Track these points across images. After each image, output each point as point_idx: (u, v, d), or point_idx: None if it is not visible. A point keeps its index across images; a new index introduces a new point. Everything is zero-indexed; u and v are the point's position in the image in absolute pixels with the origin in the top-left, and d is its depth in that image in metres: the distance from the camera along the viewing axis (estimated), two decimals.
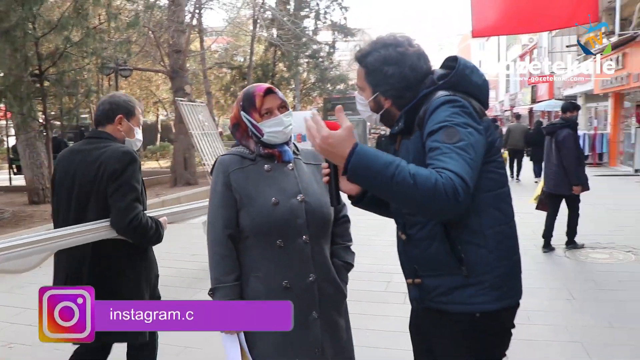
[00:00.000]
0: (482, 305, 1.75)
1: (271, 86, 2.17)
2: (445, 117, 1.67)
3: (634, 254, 6.57)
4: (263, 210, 2.05)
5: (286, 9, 21.78)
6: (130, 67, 14.70)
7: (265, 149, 2.14)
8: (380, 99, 1.89)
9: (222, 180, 2.10)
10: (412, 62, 1.83)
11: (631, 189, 13.24)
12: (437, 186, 1.50)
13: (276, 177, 2.11)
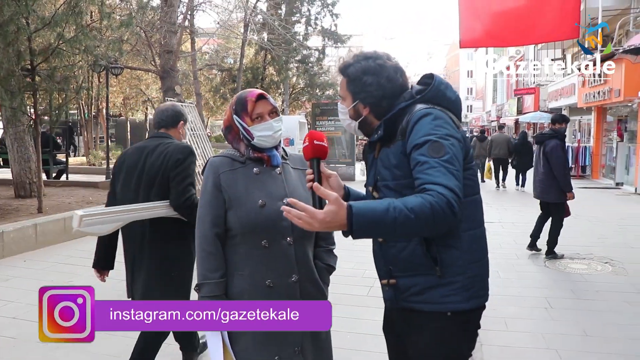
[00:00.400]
0: (454, 305, 1.87)
1: (263, 92, 2.27)
2: (429, 130, 1.80)
3: (611, 265, 6.75)
4: (250, 211, 2.14)
5: (277, 14, 21.90)
6: (121, 65, 14.67)
7: (255, 152, 2.23)
8: (359, 107, 2.03)
9: (212, 180, 2.19)
10: (389, 73, 1.99)
11: (612, 202, 13.50)
12: (433, 209, 1.61)
13: (264, 180, 2.21)
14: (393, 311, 2.07)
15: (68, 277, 6.13)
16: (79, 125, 26.27)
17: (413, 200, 1.63)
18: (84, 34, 9.21)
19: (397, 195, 1.86)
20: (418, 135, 1.80)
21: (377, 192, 1.99)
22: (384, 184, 1.96)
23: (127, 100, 27.34)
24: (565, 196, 6.97)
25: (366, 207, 1.62)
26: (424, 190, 1.68)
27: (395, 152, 1.90)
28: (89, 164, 19.71)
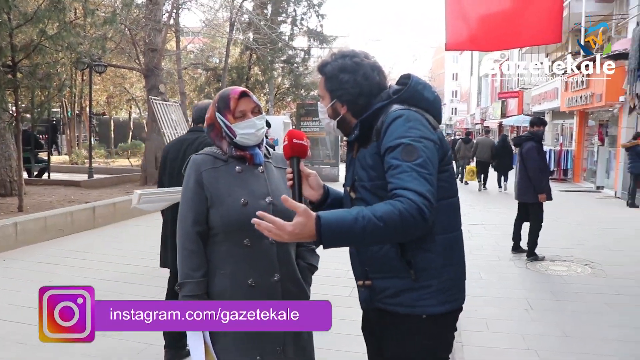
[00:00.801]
0: (429, 308, 1.87)
1: (246, 90, 2.26)
2: (402, 133, 1.79)
3: (590, 267, 6.84)
4: (232, 210, 2.13)
5: (263, 14, 21.86)
6: (105, 63, 14.53)
7: (237, 150, 2.22)
8: (337, 106, 2.02)
9: (194, 178, 2.18)
10: (365, 71, 1.97)
11: (592, 205, 13.68)
12: (402, 216, 1.61)
13: (246, 179, 2.20)
14: (369, 312, 2.07)
15: (48, 276, 6.05)
16: (61, 124, 25.99)
17: (382, 207, 1.63)
18: (67, 30, 9.10)
19: (372, 196, 1.89)
20: (391, 137, 1.80)
21: (354, 191, 1.98)
22: (361, 185, 1.95)
23: (111, 99, 27.10)
24: (544, 196, 7.13)
25: (335, 218, 1.63)
26: (395, 196, 1.67)
27: (371, 153, 1.90)
28: (71, 162, 19.51)
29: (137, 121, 29.21)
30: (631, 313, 5.12)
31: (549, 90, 21.69)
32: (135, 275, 6.17)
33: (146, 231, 9.05)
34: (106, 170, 16.60)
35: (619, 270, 6.70)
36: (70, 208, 9.01)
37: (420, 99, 1.96)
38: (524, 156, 7.19)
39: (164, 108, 12.99)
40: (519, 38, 10.54)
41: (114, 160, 20.67)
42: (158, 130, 13.21)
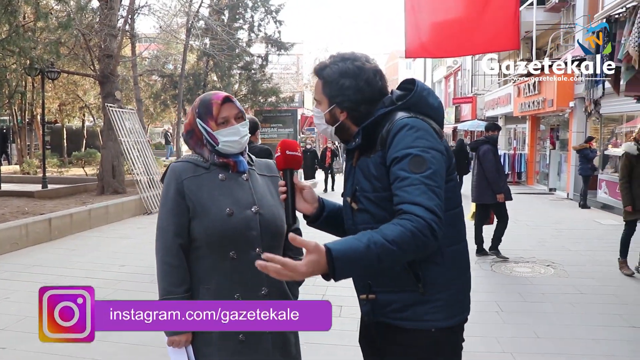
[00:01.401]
0: (437, 322, 1.79)
1: (229, 95, 2.15)
2: (410, 143, 1.71)
3: (553, 267, 7.02)
4: (217, 220, 2.02)
5: (220, 20, 21.63)
6: (58, 70, 14.02)
7: (219, 158, 2.11)
8: (336, 112, 1.91)
9: (174, 187, 2.06)
10: (368, 76, 1.88)
11: (546, 207, 14.08)
12: (415, 235, 1.55)
13: (231, 187, 2.09)
14: (371, 325, 1.96)
15: (4, 293, 5.80)
16: (11, 132, 24.99)
17: (393, 230, 1.56)
18: (18, 34, 8.77)
19: (376, 207, 1.81)
20: (398, 148, 1.72)
21: (356, 202, 1.88)
22: (364, 195, 1.85)
23: (63, 106, 26.22)
24: (494, 198, 7.41)
25: (346, 249, 1.53)
26: (402, 212, 1.61)
27: (375, 163, 1.80)
28: (22, 172, 18.78)
29: (91, 129, 28.36)
30: (595, 312, 5.27)
31: (502, 95, 22.27)
32: (97, 290, 5.92)
33: (105, 242, 8.79)
34: (60, 180, 16.04)
35: (580, 270, 6.91)
36: (24, 220, 8.65)
37: (425, 106, 1.89)
38: (481, 158, 7.47)
39: (120, 115, 12.65)
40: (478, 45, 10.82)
41: (67, 169, 19.98)
42: (114, 138, 12.86)
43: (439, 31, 10.83)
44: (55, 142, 27.13)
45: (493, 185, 7.37)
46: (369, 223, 1.82)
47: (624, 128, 13.98)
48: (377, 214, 1.81)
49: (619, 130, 14.47)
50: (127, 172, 14.01)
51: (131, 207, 11.73)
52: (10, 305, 5.40)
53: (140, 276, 6.49)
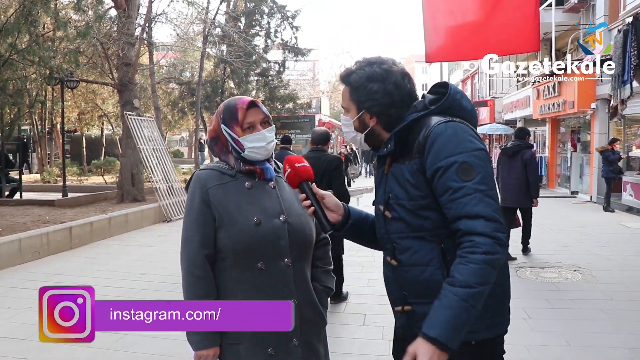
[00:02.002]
0: (478, 334, 1.72)
1: (255, 99, 2.07)
2: (454, 149, 1.67)
3: (580, 273, 6.84)
4: (244, 230, 1.93)
5: (237, 27, 21.73)
6: (77, 79, 14.15)
7: (245, 165, 2.03)
8: (365, 118, 1.86)
9: (199, 196, 1.98)
10: (396, 79, 1.83)
11: (569, 210, 13.84)
12: (488, 263, 1.56)
13: (258, 195, 2.01)
14: (407, 339, 1.79)
15: (25, 302, 5.78)
16: (32, 141, 25.33)
17: (466, 271, 1.56)
18: (38, 44, 8.84)
19: (413, 216, 1.75)
20: (442, 156, 1.67)
21: (390, 210, 1.82)
22: (398, 203, 1.79)
23: (82, 115, 26.53)
24: (531, 202, 7.59)
25: (446, 320, 1.55)
26: (462, 234, 1.60)
27: (412, 170, 1.74)
28: (43, 181, 18.98)
29: (110, 138, 28.67)
30: (628, 319, 5.09)
31: (521, 98, 22.01)
32: (117, 298, 5.92)
33: (125, 250, 8.79)
34: (80, 188, 16.17)
35: (608, 275, 6.72)
36: (45, 229, 8.68)
37: (459, 109, 1.83)
38: (527, 163, 7.53)
39: (139, 123, 12.71)
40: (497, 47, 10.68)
41: (87, 177, 20.16)
42: (133, 146, 12.92)
43: (457, 34, 10.70)
44: (74, 150, 27.45)
45: (534, 189, 7.55)
46: (403, 232, 1.79)
47: None
48: (413, 223, 1.76)
49: None
50: (146, 179, 14.06)
51: (150, 214, 11.75)
52: (33, 315, 5.38)
53: (161, 285, 6.46)
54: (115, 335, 4.74)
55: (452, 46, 11.18)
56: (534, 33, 10.21)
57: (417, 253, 1.76)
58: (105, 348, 4.46)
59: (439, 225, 1.72)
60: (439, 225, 1.72)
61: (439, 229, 1.72)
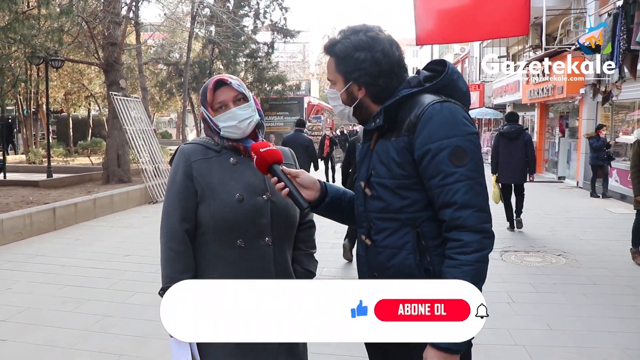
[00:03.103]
0: None
1: (224, 77, 2.01)
2: (447, 132, 1.61)
3: (564, 257, 6.87)
4: (226, 205, 1.90)
5: (225, 7, 21.43)
6: (62, 58, 13.91)
7: (229, 141, 2.00)
8: (353, 89, 1.78)
9: (182, 169, 1.96)
10: (384, 46, 1.74)
11: (556, 195, 13.90)
12: (479, 258, 1.58)
13: (242, 172, 1.97)
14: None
15: (5, 283, 5.73)
16: (17, 122, 25.00)
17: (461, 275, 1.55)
18: (20, 21, 8.63)
19: (393, 195, 1.70)
20: (435, 137, 1.61)
21: (370, 188, 1.77)
22: (379, 181, 1.74)
23: (69, 96, 26.17)
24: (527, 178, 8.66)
25: None
26: (449, 228, 1.60)
27: (398, 147, 1.68)
28: (28, 162, 18.77)
29: (97, 118, 28.34)
30: (609, 303, 5.12)
31: (510, 83, 21.99)
32: (100, 280, 5.87)
33: (110, 231, 8.71)
34: (66, 169, 16.01)
35: (592, 260, 6.76)
36: (28, 209, 8.57)
37: (454, 89, 1.75)
38: (528, 143, 8.55)
39: (125, 104, 12.55)
40: (487, 30, 10.63)
41: (73, 158, 19.96)
42: (119, 127, 12.77)
43: (448, 17, 10.67)
44: (61, 131, 27.17)
45: (533, 166, 8.59)
46: (381, 212, 1.74)
47: (636, 115, 13.75)
48: (392, 203, 1.71)
49: (630, 118, 14.23)
50: (132, 161, 13.94)
51: (136, 196, 11.65)
52: (12, 296, 5.33)
53: (145, 266, 6.41)
54: (94, 317, 4.71)
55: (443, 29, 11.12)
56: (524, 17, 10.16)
57: (392, 235, 1.72)
58: (84, 329, 4.42)
59: (418, 209, 1.68)
60: (418, 208, 1.68)
61: (418, 212, 1.68)
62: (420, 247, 1.67)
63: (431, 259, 1.67)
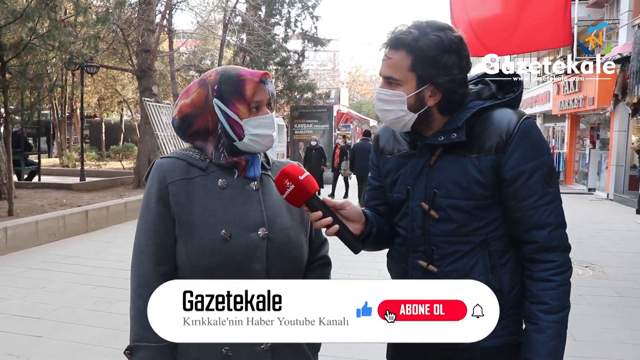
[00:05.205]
0: (511, 337, 1.58)
1: (267, 72, 1.57)
2: (540, 150, 1.52)
3: (591, 269, 6.80)
4: (206, 246, 1.44)
5: (257, 15, 21.72)
6: (97, 64, 14.35)
7: (230, 156, 1.53)
8: (424, 95, 1.54)
9: (156, 193, 1.49)
10: (468, 52, 1.54)
11: (585, 207, 13.70)
12: (569, 277, 1.56)
13: (232, 199, 1.50)
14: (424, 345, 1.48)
15: (40, 283, 5.92)
16: (52, 126, 25.75)
17: (558, 296, 1.53)
18: (58, 29, 8.93)
19: (468, 217, 1.55)
20: (530, 157, 1.50)
21: (436, 210, 1.57)
22: (451, 203, 1.55)
23: (102, 101, 26.85)
24: None
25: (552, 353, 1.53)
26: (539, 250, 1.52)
27: (483, 167, 1.52)
28: (62, 165, 19.28)
29: (129, 123, 28.95)
30: (635, 315, 5.07)
31: (541, 93, 21.77)
32: (128, 282, 6.02)
33: None
34: (98, 173, 16.43)
35: (619, 272, 6.68)
36: (62, 212, 8.85)
37: (519, 103, 1.64)
38: None
39: (157, 110, 12.84)
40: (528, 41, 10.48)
41: (105, 163, 20.46)
42: (151, 132, 13.06)
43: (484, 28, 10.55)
44: (93, 136, 27.82)
45: None
46: (451, 235, 1.57)
47: None
48: (466, 225, 1.56)
49: None
50: None
51: None
52: (46, 295, 5.52)
53: None
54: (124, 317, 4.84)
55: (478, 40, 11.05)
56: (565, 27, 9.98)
57: (460, 259, 1.57)
58: (115, 329, 4.55)
59: (492, 229, 1.56)
60: (492, 228, 1.56)
61: (491, 232, 1.56)
62: (491, 267, 1.56)
63: (500, 278, 1.56)
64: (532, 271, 1.54)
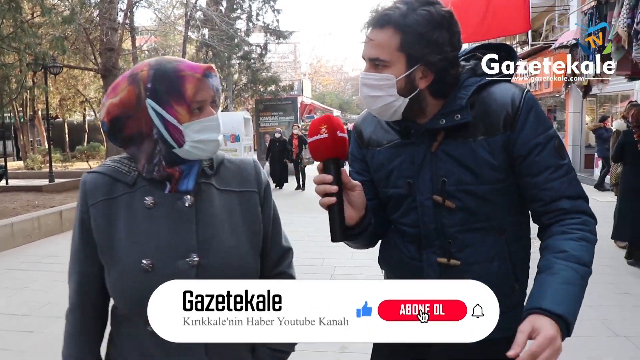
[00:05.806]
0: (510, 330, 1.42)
1: (211, 66, 1.30)
2: (547, 123, 1.44)
3: None
4: (126, 277, 1.25)
5: (218, 10, 21.72)
6: (61, 64, 14.20)
7: (168, 166, 1.28)
8: (415, 76, 1.39)
9: (79, 216, 1.31)
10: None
11: None
12: (595, 242, 1.40)
13: (158, 220, 1.27)
14: None
15: (23, 282, 6.02)
16: (12, 129, 25.22)
17: (584, 250, 1.35)
18: (23, 30, 8.89)
19: (482, 203, 1.45)
20: (540, 129, 1.41)
21: (451, 199, 1.46)
22: (463, 189, 1.45)
23: (64, 101, 26.42)
24: None
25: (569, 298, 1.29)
26: (566, 212, 1.40)
27: (493, 148, 1.42)
28: (27, 168, 19.00)
29: (92, 123, 28.56)
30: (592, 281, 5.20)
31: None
32: None
33: None
34: (66, 174, 16.27)
35: None
36: (36, 213, 8.89)
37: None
38: None
39: None
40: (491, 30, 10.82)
41: (71, 163, 20.22)
42: None
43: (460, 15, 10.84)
44: (56, 137, 27.30)
45: None
46: (463, 224, 1.48)
47: (619, 107, 14.18)
48: (479, 212, 1.46)
49: (615, 110, 14.67)
50: None
51: None
52: (32, 294, 5.64)
53: None
54: None
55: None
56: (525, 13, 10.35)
57: (480, 247, 1.48)
58: None
59: (502, 214, 1.48)
60: (502, 213, 1.48)
61: (502, 217, 1.48)
62: (510, 254, 1.49)
63: (516, 265, 1.50)
64: (552, 231, 1.42)
